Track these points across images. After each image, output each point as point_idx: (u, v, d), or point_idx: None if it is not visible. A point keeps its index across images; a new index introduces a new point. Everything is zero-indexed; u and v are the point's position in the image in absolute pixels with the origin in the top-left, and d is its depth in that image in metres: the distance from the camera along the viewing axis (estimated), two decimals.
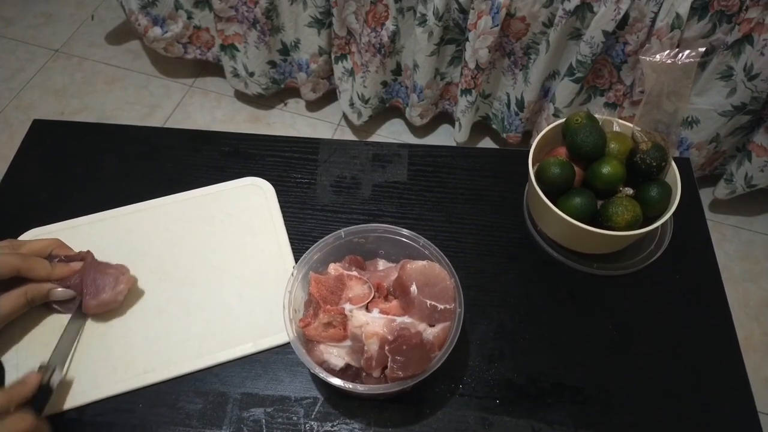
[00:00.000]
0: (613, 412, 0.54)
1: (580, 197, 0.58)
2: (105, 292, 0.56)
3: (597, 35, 1.15)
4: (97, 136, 0.73)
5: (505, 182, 0.70)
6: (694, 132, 1.30)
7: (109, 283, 0.56)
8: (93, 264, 0.57)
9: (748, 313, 1.33)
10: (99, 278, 0.56)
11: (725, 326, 0.59)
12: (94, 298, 0.56)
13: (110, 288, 0.56)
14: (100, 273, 0.57)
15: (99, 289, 0.56)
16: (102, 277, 0.56)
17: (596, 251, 0.63)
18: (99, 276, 0.56)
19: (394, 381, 0.47)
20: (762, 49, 1.09)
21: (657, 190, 0.58)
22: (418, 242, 0.55)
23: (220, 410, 0.54)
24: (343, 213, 0.67)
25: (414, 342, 0.47)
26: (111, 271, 0.57)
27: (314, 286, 0.51)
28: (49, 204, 0.66)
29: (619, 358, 0.57)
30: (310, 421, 0.53)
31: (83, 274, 0.56)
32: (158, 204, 0.66)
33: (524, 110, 1.38)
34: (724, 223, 1.47)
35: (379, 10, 1.28)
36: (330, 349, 0.50)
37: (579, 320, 0.60)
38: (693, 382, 0.56)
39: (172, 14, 1.50)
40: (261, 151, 0.72)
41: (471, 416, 0.54)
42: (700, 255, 0.64)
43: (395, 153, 0.72)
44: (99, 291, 0.56)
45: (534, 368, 0.56)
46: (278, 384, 0.55)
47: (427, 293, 0.50)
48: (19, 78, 1.70)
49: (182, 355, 0.56)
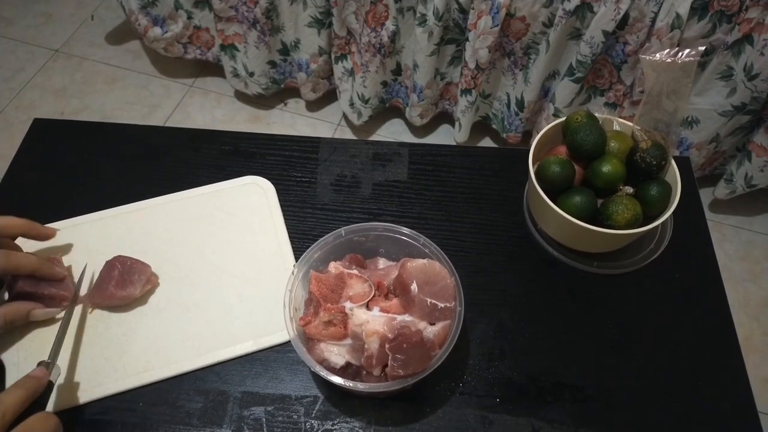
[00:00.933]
0: (613, 410, 0.54)
1: (580, 196, 0.58)
2: (134, 287, 0.57)
3: (597, 35, 1.15)
4: (97, 136, 0.73)
5: (505, 181, 0.70)
6: (694, 132, 1.30)
7: (138, 279, 0.57)
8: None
9: (748, 313, 1.33)
10: (126, 273, 0.57)
11: (725, 325, 0.59)
12: (121, 289, 0.56)
13: (139, 284, 0.57)
14: (126, 267, 0.57)
15: (126, 283, 0.57)
16: (130, 274, 0.57)
17: (596, 250, 0.63)
18: (126, 270, 0.57)
19: (394, 379, 0.47)
20: (762, 49, 1.09)
21: (657, 188, 0.58)
22: (418, 241, 0.55)
23: (220, 409, 0.54)
24: (343, 212, 0.67)
25: (414, 340, 0.47)
26: (138, 266, 0.58)
27: (315, 285, 0.51)
28: (49, 203, 0.66)
29: (619, 357, 0.57)
30: (310, 420, 0.53)
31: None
32: (158, 203, 0.66)
33: (524, 110, 1.38)
34: (724, 223, 1.47)
35: (379, 10, 1.28)
36: (330, 348, 0.50)
37: (579, 319, 0.60)
38: (693, 381, 0.56)
39: (172, 14, 1.50)
40: (261, 149, 0.72)
41: (471, 415, 0.54)
42: (700, 254, 0.64)
43: (395, 152, 0.72)
44: (126, 284, 0.57)
45: (534, 367, 0.56)
46: (279, 382, 0.55)
47: (428, 291, 0.50)
48: (19, 78, 1.70)
49: (182, 354, 0.56)
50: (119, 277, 0.57)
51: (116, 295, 0.56)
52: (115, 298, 0.56)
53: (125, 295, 0.57)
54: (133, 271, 0.57)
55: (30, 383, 0.46)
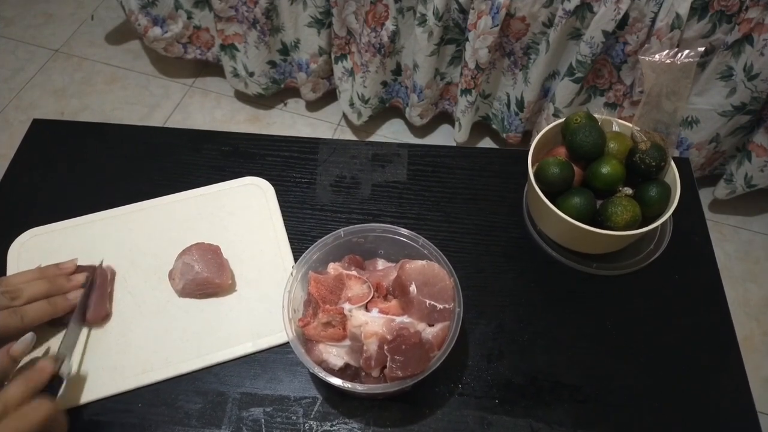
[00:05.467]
0: (612, 411, 0.54)
1: (579, 197, 0.58)
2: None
3: (597, 35, 1.15)
4: (96, 136, 0.73)
5: (504, 182, 0.70)
6: (694, 132, 1.30)
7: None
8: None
9: (748, 313, 1.33)
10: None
11: (725, 326, 0.59)
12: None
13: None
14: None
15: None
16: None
17: (595, 251, 0.63)
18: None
19: (393, 380, 0.47)
20: (762, 49, 1.09)
21: (656, 190, 0.58)
22: (417, 242, 0.55)
23: (219, 410, 0.54)
24: (342, 213, 0.67)
25: (413, 341, 0.47)
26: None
27: (313, 286, 0.51)
28: (48, 203, 0.66)
29: (618, 358, 0.57)
30: (309, 421, 0.53)
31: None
32: (158, 203, 0.66)
33: (524, 110, 1.38)
34: (724, 223, 1.47)
35: (379, 10, 1.28)
36: (329, 349, 0.50)
37: (578, 320, 0.60)
38: (692, 382, 0.56)
39: (172, 14, 1.50)
40: (261, 150, 0.72)
41: (470, 416, 0.54)
42: (699, 255, 0.64)
43: (395, 153, 0.72)
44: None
45: (533, 368, 0.56)
46: (277, 384, 0.55)
47: (426, 293, 0.50)
48: (19, 78, 1.70)
49: (181, 355, 0.56)
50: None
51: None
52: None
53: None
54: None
55: (33, 376, 0.47)
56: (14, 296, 0.52)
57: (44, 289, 0.54)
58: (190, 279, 0.58)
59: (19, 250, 0.62)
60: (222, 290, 0.60)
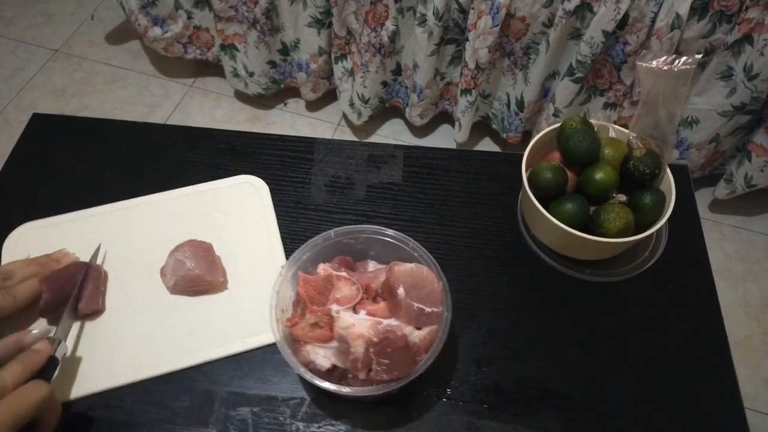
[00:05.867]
0: (602, 419, 0.54)
1: (571, 203, 0.57)
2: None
3: (597, 35, 1.15)
4: (94, 132, 0.73)
5: (499, 186, 0.69)
6: (694, 132, 1.29)
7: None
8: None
9: (748, 313, 1.32)
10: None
11: (717, 335, 0.58)
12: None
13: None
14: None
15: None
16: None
17: (588, 257, 0.62)
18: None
19: (378, 383, 0.47)
20: (762, 49, 1.08)
21: (650, 197, 0.57)
22: (407, 244, 0.54)
23: (206, 408, 0.53)
24: (336, 213, 0.67)
25: (399, 345, 0.47)
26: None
27: (302, 286, 0.51)
28: (45, 198, 0.67)
29: (609, 366, 0.57)
30: (296, 422, 0.53)
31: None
32: (153, 200, 0.66)
33: (524, 110, 1.38)
34: (724, 223, 1.47)
35: (379, 10, 1.27)
36: (317, 350, 0.50)
37: (570, 326, 0.59)
38: (684, 390, 0.55)
39: (172, 14, 1.50)
40: (256, 149, 0.72)
41: (458, 421, 0.53)
42: (694, 263, 0.63)
43: (390, 154, 0.72)
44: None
45: (523, 374, 0.56)
46: (266, 383, 0.55)
47: (415, 296, 0.50)
48: (19, 78, 1.71)
49: (170, 352, 0.56)
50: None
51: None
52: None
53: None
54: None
55: (30, 357, 0.47)
56: (6, 277, 0.54)
57: (35, 270, 0.55)
58: (182, 276, 0.58)
59: (15, 243, 0.63)
60: (213, 288, 0.59)
